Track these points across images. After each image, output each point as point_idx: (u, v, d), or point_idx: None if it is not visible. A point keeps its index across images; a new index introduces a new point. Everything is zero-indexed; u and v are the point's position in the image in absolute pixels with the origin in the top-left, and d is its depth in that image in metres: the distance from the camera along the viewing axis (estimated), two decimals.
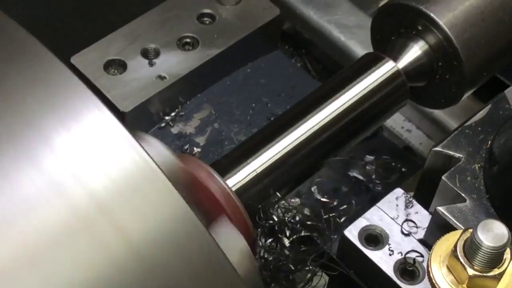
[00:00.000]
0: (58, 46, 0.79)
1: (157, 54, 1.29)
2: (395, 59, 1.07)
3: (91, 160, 0.70)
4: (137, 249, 0.68)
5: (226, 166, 0.99)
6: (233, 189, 0.97)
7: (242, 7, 1.35)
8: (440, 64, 1.06)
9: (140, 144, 0.71)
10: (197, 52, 1.31)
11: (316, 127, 1.04)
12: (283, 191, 1.04)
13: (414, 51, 1.07)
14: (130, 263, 0.68)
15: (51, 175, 0.68)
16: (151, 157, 0.71)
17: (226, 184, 0.94)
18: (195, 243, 0.71)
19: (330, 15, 1.39)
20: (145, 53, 1.29)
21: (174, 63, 1.29)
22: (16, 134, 0.69)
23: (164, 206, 0.70)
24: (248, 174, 1.00)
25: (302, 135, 1.03)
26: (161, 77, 1.27)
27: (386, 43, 1.10)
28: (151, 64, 1.28)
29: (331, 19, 1.39)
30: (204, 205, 0.88)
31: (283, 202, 1.04)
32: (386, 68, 1.08)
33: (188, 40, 1.32)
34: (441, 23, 1.03)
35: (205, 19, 1.34)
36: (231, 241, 0.86)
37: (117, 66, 1.28)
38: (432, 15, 1.03)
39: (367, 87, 1.07)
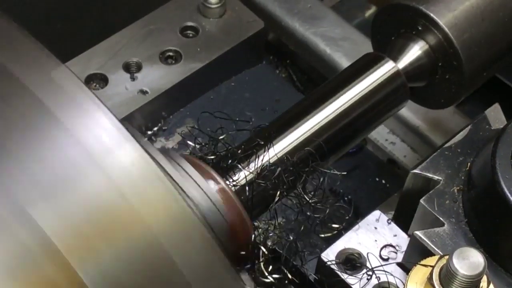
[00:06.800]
0: (59, 46, 0.79)
1: (139, 68, 1.28)
2: (395, 59, 1.06)
3: (91, 159, 0.70)
4: (140, 252, 0.69)
5: (225, 168, 0.98)
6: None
7: (226, 20, 1.34)
8: (440, 64, 1.06)
9: (139, 143, 0.71)
10: (180, 66, 1.29)
11: (316, 128, 1.02)
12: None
13: (414, 51, 1.06)
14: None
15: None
16: (150, 156, 0.71)
17: (225, 184, 0.93)
18: (196, 243, 0.71)
19: (316, 27, 1.38)
20: (127, 67, 1.28)
21: (156, 77, 1.28)
22: (16, 134, 0.69)
23: (162, 204, 0.70)
24: (247, 175, 0.98)
25: (301, 136, 1.02)
26: (143, 92, 1.26)
27: (386, 43, 1.09)
28: (133, 78, 1.27)
29: (316, 31, 1.37)
30: None
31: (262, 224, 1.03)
32: (386, 68, 1.07)
33: (170, 53, 1.30)
34: (441, 23, 1.02)
35: (189, 32, 1.33)
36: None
37: (98, 80, 1.27)
38: (432, 15, 1.03)
39: (367, 87, 1.06)
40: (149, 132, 1.29)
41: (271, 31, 1.41)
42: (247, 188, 0.96)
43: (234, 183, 0.97)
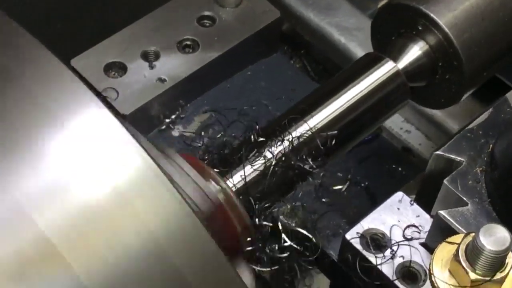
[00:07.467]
0: (59, 46, 0.79)
1: (157, 56, 1.29)
2: (395, 59, 1.07)
3: (91, 161, 0.70)
4: (141, 255, 0.69)
5: (228, 165, 0.99)
6: (233, 188, 0.97)
7: (242, 10, 1.35)
8: (440, 64, 1.07)
9: (141, 145, 0.71)
10: (197, 54, 1.30)
11: (316, 127, 1.03)
12: (284, 190, 1.04)
13: (414, 51, 1.07)
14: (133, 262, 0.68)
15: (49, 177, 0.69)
16: (152, 158, 0.71)
17: (226, 184, 0.94)
18: (196, 244, 0.71)
19: (330, 17, 1.39)
20: (145, 56, 1.29)
21: (174, 66, 1.29)
22: (14, 134, 0.69)
23: (165, 207, 0.70)
24: (249, 174, 0.99)
25: (301, 135, 1.02)
26: (161, 80, 1.27)
27: (386, 43, 1.10)
28: (151, 66, 1.28)
29: (331, 21, 1.39)
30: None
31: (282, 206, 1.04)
32: (386, 69, 1.08)
33: (188, 42, 1.31)
34: (441, 23, 1.03)
35: (205, 21, 1.34)
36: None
37: (117, 68, 1.28)
38: (432, 15, 1.03)
39: (367, 87, 1.07)
40: (167, 120, 1.30)
41: (286, 21, 1.42)
42: (241, 176, 0.97)
43: (235, 180, 0.98)
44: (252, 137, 1.00)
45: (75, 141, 0.70)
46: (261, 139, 1.00)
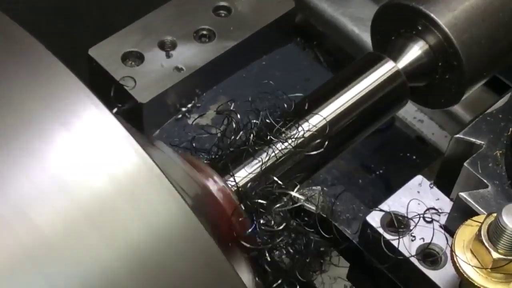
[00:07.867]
0: (59, 46, 0.79)
1: (174, 46, 1.30)
2: (395, 59, 1.08)
3: (89, 161, 0.70)
4: (139, 251, 0.69)
5: (230, 163, 1.00)
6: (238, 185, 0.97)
7: (257, 0, 1.37)
8: (440, 64, 1.07)
9: (140, 144, 0.71)
10: (213, 44, 1.32)
11: (316, 127, 1.04)
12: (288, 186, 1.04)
13: (414, 51, 1.07)
14: (132, 264, 0.69)
15: (48, 176, 0.69)
16: (151, 158, 0.71)
17: (226, 184, 0.95)
18: (197, 246, 0.72)
19: (344, 7, 1.41)
20: (162, 45, 1.30)
21: (190, 55, 1.30)
22: (14, 134, 0.70)
23: (165, 208, 0.71)
24: (251, 172, 1.00)
25: (302, 135, 1.03)
26: (178, 69, 1.28)
27: (386, 43, 1.11)
28: (168, 56, 1.29)
29: (345, 12, 1.40)
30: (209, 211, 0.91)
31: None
32: (386, 68, 1.08)
33: (204, 32, 1.33)
34: (441, 23, 1.04)
35: (221, 11, 1.36)
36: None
37: (134, 58, 1.29)
38: (432, 15, 1.04)
39: (367, 87, 1.07)
40: (184, 109, 1.31)
41: (299, 12, 1.44)
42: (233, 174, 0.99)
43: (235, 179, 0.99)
44: (252, 136, 1.01)
45: (72, 139, 0.70)
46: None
